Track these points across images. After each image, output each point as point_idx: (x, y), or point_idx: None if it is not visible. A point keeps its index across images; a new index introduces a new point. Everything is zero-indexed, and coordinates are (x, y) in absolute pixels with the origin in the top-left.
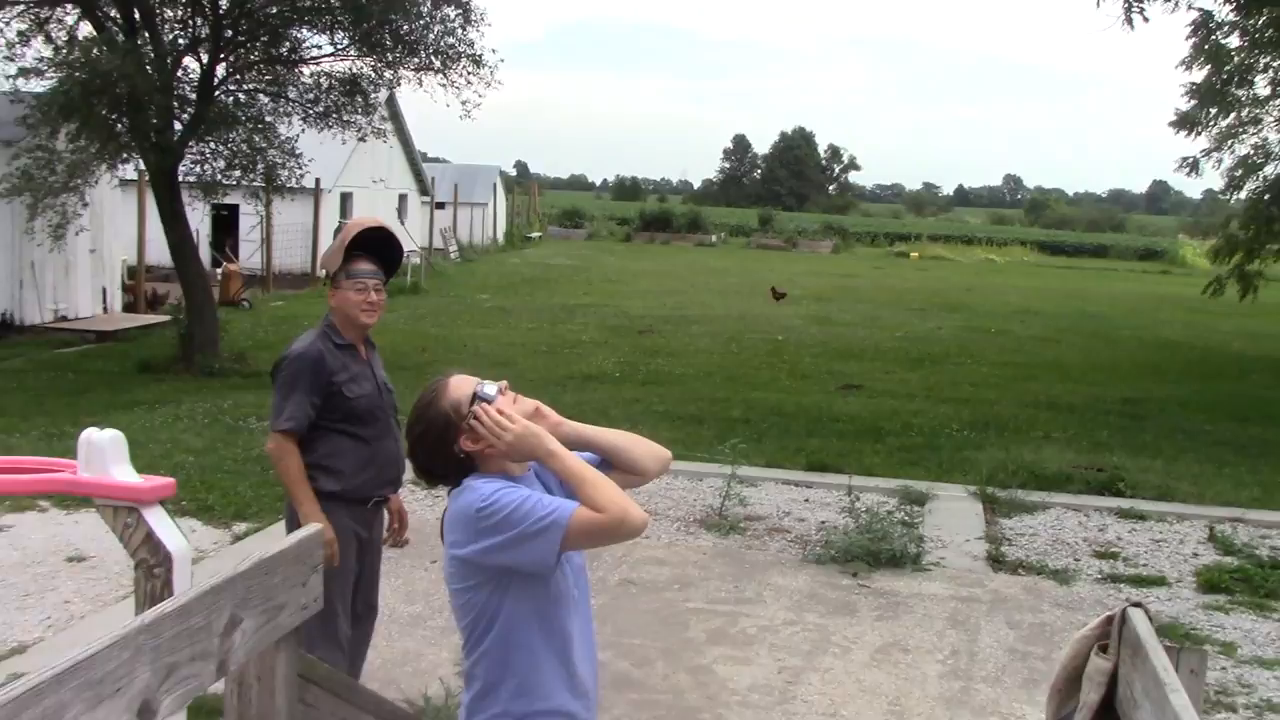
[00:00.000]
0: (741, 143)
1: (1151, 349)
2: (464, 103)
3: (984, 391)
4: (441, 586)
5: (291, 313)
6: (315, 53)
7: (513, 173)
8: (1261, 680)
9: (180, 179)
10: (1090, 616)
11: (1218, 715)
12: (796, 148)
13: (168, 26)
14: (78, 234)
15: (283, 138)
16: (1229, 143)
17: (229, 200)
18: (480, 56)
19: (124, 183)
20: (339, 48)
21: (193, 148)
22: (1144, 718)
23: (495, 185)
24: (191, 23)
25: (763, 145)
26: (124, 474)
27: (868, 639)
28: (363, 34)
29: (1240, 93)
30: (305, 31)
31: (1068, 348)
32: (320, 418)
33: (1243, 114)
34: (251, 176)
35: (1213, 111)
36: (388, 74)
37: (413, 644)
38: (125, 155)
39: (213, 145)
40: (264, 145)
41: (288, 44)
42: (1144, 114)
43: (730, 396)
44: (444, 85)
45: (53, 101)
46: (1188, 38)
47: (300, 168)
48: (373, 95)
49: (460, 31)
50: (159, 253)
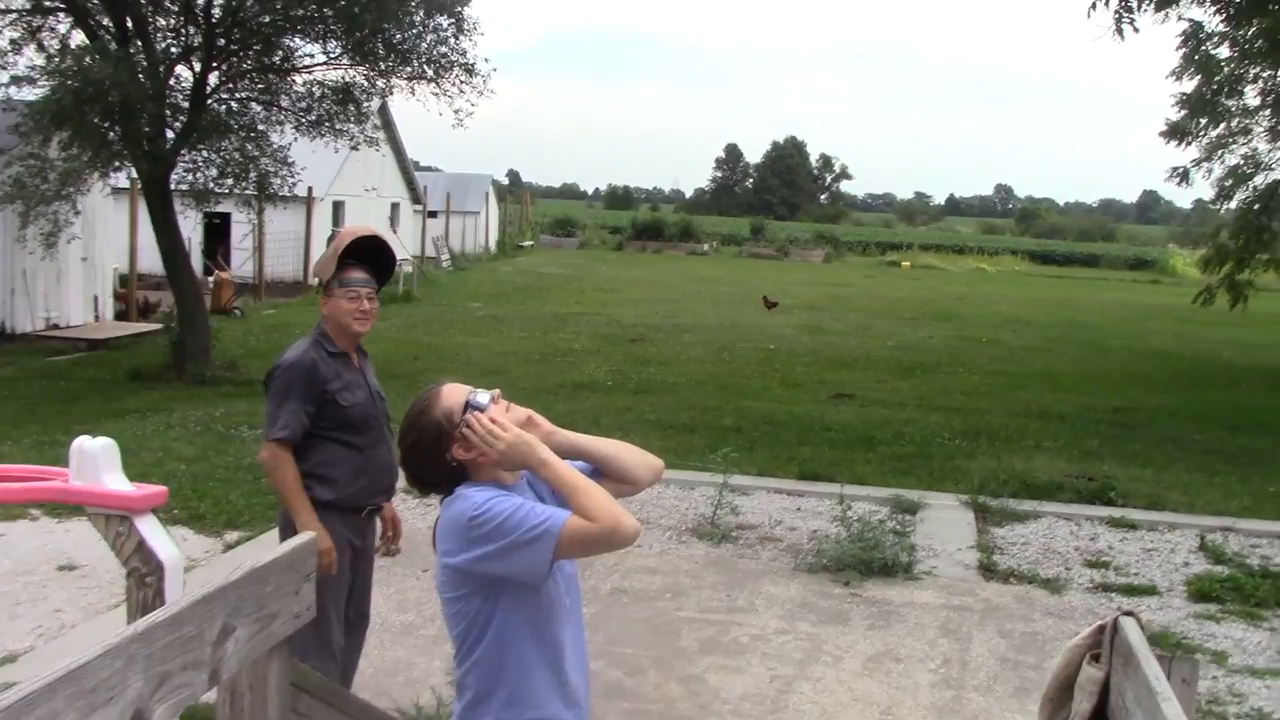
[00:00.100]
0: (733, 152)
1: (1142, 358)
2: (456, 111)
3: (975, 400)
4: (433, 595)
5: (283, 321)
6: (308, 61)
7: (505, 181)
8: (1253, 689)
9: (172, 187)
10: (1082, 625)
11: None
12: (788, 157)
13: (160, 35)
14: (69, 242)
15: (275, 146)
16: (1219, 153)
17: (221, 208)
18: (473, 65)
19: (116, 191)
20: (331, 57)
21: (185, 156)
22: None
23: (487, 194)
24: (184, 31)
25: (755, 154)
26: (116, 482)
27: (859, 648)
28: (355, 43)
29: (1230, 103)
30: (298, 40)
31: (1058, 357)
32: (314, 426)
33: (1233, 124)
34: (244, 185)
35: (1203, 122)
36: (380, 83)
37: (404, 653)
38: (117, 163)
39: (205, 154)
40: (256, 154)
41: (280, 53)
42: (1134, 124)
43: (722, 405)
44: (436, 94)
45: (45, 109)
46: (1178, 48)
47: (292, 176)
48: (365, 104)
49: (453, 40)
50: (151, 261)
